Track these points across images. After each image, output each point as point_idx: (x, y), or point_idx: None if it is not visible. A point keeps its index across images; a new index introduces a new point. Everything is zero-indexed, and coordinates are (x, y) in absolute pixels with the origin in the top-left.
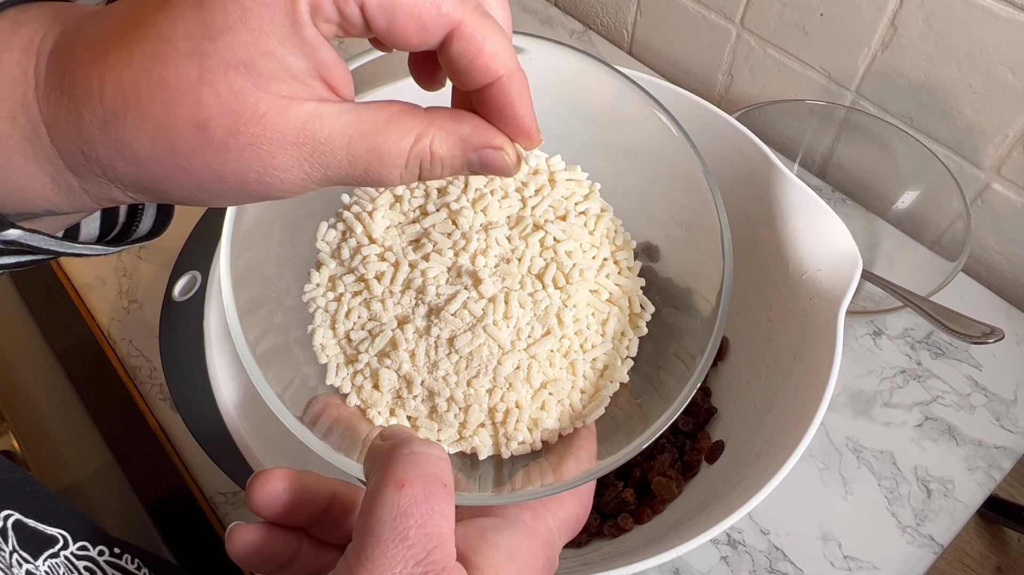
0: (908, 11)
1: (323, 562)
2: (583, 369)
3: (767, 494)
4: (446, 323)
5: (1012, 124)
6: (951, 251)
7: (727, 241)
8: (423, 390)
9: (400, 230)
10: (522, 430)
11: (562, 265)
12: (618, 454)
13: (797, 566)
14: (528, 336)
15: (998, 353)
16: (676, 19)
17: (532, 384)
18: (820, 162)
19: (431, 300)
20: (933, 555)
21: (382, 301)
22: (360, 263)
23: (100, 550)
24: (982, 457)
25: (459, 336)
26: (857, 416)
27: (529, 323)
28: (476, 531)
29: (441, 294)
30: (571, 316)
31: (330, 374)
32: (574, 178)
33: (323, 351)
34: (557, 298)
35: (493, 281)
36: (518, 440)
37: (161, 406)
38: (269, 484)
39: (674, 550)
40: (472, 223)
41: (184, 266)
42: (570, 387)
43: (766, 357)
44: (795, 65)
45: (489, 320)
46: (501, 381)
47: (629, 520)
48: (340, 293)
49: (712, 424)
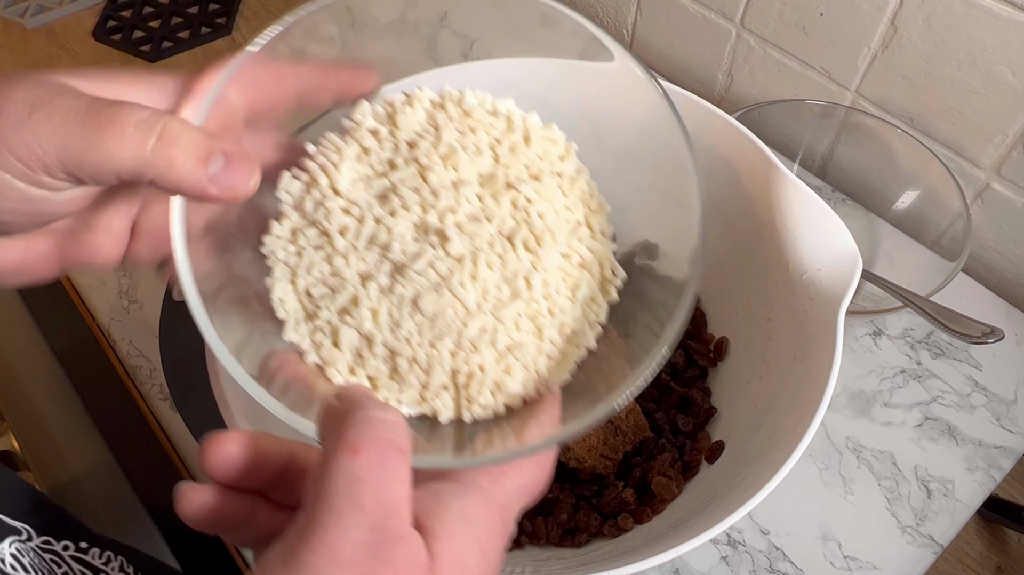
0: (908, 11)
1: (280, 524)
2: (550, 334)
3: (767, 494)
4: (410, 282)
5: (1012, 124)
6: (951, 251)
7: (697, 190)
8: (385, 350)
9: (367, 184)
10: (485, 394)
11: (533, 227)
12: (582, 419)
13: (797, 566)
14: (495, 298)
15: (998, 353)
16: (676, 19)
17: (497, 348)
18: (820, 162)
19: (396, 257)
20: (933, 555)
21: (345, 256)
22: (324, 216)
23: (65, 545)
24: (982, 457)
25: (424, 296)
26: (857, 416)
27: (497, 285)
28: (431, 495)
29: (407, 251)
30: (540, 280)
31: (288, 330)
32: (550, 137)
33: (282, 306)
34: (527, 261)
35: (461, 240)
36: (480, 404)
37: (161, 406)
38: (223, 447)
39: (674, 550)
40: (442, 179)
41: None
42: (536, 352)
43: (766, 357)
44: (795, 65)
45: (455, 280)
46: (465, 343)
47: (629, 520)
48: (302, 247)
49: (712, 424)
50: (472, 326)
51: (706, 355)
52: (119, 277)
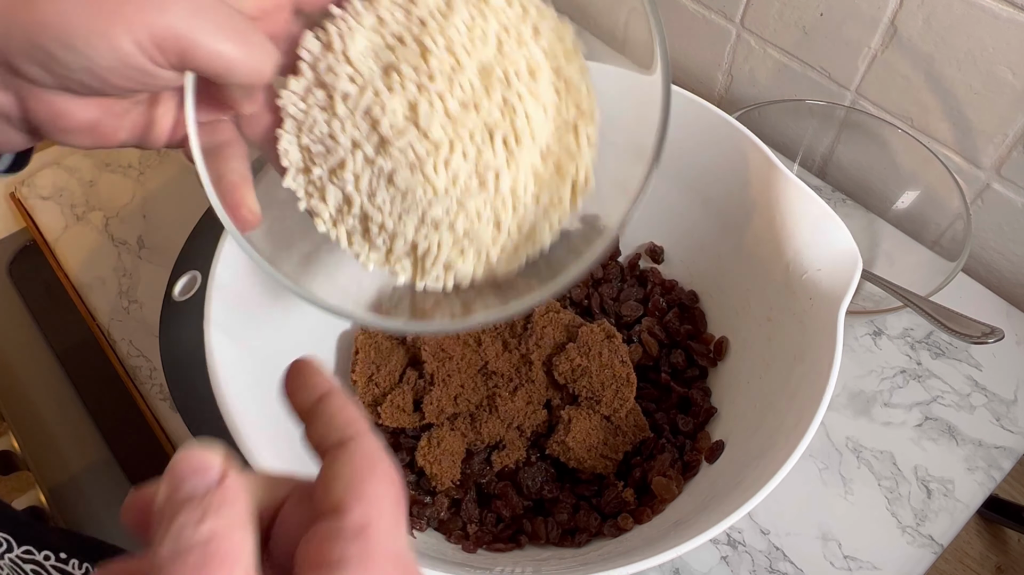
0: (908, 11)
1: None
2: (509, 227)
3: (767, 494)
4: (390, 157)
5: (1012, 124)
6: (951, 251)
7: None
8: (360, 212)
9: (376, 55)
10: (438, 268)
11: (515, 125)
12: (523, 299)
13: (797, 566)
14: (463, 187)
15: (998, 353)
16: (676, 19)
17: (455, 231)
18: (820, 162)
19: (384, 131)
20: (933, 555)
21: (342, 122)
22: (332, 80)
23: (45, 555)
24: (982, 457)
25: (398, 172)
26: (857, 416)
27: (468, 174)
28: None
29: (394, 127)
30: (510, 177)
31: (288, 177)
32: (560, 34)
33: (286, 155)
34: (502, 157)
35: (444, 126)
36: (432, 276)
37: (161, 406)
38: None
39: (674, 550)
40: (441, 64)
41: (184, 266)
42: (490, 243)
43: (766, 357)
44: (795, 65)
45: (429, 163)
46: (428, 220)
47: (629, 520)
48: (310, 105)
49: (712, 424)
50: (436, 207)
51: (706, 355)
52: (119, 277)
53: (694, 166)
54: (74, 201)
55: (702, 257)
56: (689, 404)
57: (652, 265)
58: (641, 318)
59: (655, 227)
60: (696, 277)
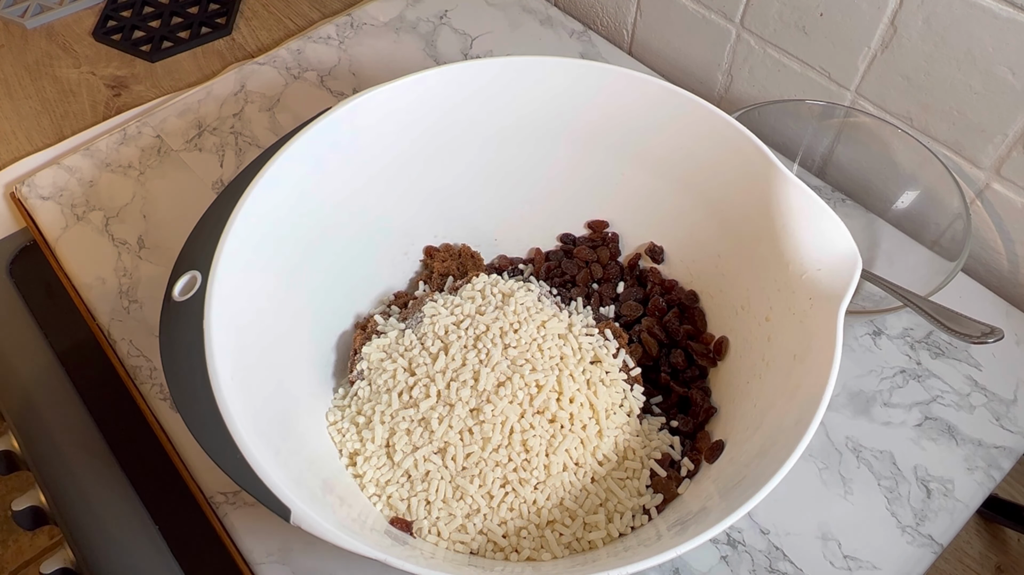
0: (908, 11)
1: None
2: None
3: (767, 494)
4: (451, 458)
5: (1012, 124)
6: (951, 251)
7: None
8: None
9: (459, 347)
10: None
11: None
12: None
13: (797, 566)
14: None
15: (998, 353)
16: (676, 19)
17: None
18: (820, 162)
19: (444, 438)
20: (933, 555)
21: (426, 424)
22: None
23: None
24: (982, 457)
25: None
26: (857, 416)
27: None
28: None
29: (453, 433)
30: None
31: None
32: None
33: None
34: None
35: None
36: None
37: (161, 406)
38: None
39: (674, 550)
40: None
41: (184, 266)
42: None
43: (766, 357)
44: (795, 65)
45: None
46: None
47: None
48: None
49: (712, 424)
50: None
51: (706, 355)
52: (119, 277)
53: (694, 166)
54: (74, 201)
55: (702, 257)
56: (689, 404)
57: (652, 265)
58: (641, 318)
59: (655, 227)
60: (696, 277)
